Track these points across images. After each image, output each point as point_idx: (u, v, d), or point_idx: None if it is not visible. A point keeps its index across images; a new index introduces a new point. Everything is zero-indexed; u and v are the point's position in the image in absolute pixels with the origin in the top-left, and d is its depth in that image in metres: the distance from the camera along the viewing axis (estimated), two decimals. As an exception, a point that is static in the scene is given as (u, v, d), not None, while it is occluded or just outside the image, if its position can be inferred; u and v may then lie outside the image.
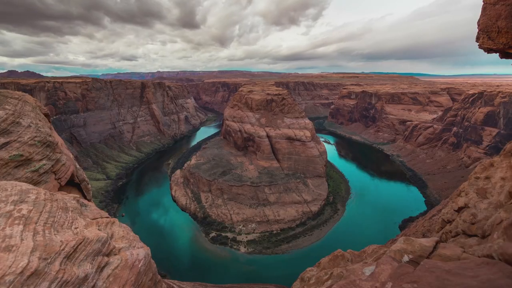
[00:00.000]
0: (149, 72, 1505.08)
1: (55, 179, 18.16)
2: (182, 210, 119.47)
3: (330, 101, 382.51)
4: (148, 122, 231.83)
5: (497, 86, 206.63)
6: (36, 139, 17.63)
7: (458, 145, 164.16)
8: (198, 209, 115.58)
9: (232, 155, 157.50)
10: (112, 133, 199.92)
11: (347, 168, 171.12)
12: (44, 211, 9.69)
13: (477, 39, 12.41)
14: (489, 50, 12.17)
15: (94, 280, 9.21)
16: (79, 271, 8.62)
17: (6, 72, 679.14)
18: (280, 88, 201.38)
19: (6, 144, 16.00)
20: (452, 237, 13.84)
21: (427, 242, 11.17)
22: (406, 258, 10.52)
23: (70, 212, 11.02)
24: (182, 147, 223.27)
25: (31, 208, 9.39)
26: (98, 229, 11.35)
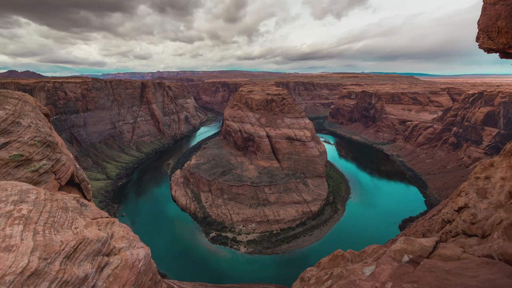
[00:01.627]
0: (149, 72, 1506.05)
1: (55, 179, 18.16)
2: (182, 210, 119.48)
3: (330, 101, 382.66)
4: (148, 122, 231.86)
5: (497, 86, 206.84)
6: (36, 139, 17.62)
7: (458, 145, 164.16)
8: (198, 209, 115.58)
9: (232, 155, 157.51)
10: (112, 133, 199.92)
11: (347, 168, 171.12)
12: (44, 211, 9.69)
13: (477, 39, 12.40)
14: (489, 50, 12.17)
15: (94, 280, 9.20)
16: (79, 271, 8.62)
17: (6, 72, 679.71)
18: (280, 88, 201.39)
19: (6, 144, 15.99)
20: (452, 237, 13.84)
21: (427, 242, 11.16)
22: (406, 258, 10.52)
23: (70, 212, 11.01)
24: (182, 147, 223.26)
25: (31, 208, 9.39)
26: (98, 229, 11.34)
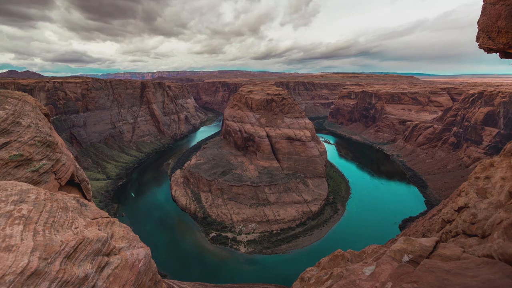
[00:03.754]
0: (149, 72, 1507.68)
1: (55, 179, 18.15)
2: (182, 210, 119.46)
3: (330, 101, 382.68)
4: (148, 122, 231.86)
5: (497, 86, 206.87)
6: (36, 139, 17.62)
7: (458, 145, 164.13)
8: (198, 209, 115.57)
9: (232, 155, 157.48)
10: (112, 133, 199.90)
11: (347, 168, 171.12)
12: (44, 211, 9.68)
13: (477, 39, 12.40)
14: (489, 50, 12.16)
15: (94, 280, 9.20)
16: (79, 271, 8.62)
17: (6, 71, 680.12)
18: (280, 88, 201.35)
19: (6, 144, 15.99)
20: (452, 237, 13.84)
21: (427, 242, 11.15)
22: (406, 258, 10.51)
23: (70, 212, 11.01)
24: (182, 147, 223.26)
25: (31, 208, 9.39)
26: (98, 229, 11.34)
